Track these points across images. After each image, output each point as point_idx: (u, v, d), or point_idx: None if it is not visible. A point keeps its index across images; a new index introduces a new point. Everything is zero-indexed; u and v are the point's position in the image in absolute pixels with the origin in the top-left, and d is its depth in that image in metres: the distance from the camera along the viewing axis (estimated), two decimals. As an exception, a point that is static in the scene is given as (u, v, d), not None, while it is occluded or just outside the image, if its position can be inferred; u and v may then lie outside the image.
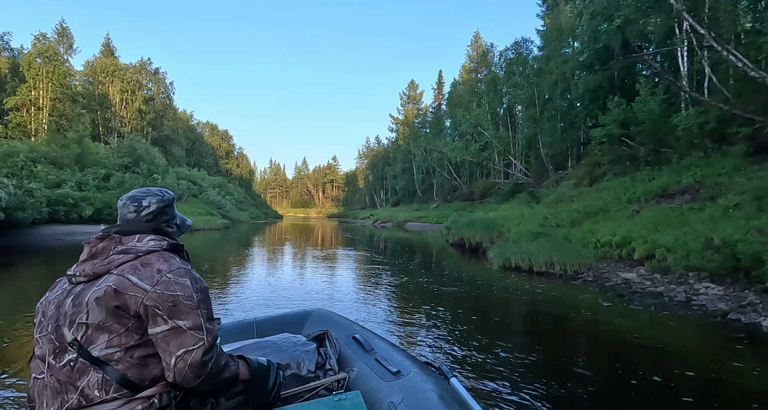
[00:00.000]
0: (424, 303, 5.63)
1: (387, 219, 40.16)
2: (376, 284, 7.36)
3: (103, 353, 0.99)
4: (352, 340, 1.82)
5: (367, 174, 75.80)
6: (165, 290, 1.03)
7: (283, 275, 8.36)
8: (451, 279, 7.86)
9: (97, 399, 0.97)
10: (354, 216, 72.96)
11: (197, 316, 1.04)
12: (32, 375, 1.06)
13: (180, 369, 1.00)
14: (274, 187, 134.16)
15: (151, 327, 1.02)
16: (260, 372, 1.29)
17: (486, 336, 4.09)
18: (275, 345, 1.65)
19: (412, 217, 37.59)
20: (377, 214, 44.27)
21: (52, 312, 1.06)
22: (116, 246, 1.10)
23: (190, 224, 1.39)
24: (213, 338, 1.06)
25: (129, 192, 1.25)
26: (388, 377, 1.46)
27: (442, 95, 47.36)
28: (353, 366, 1.62)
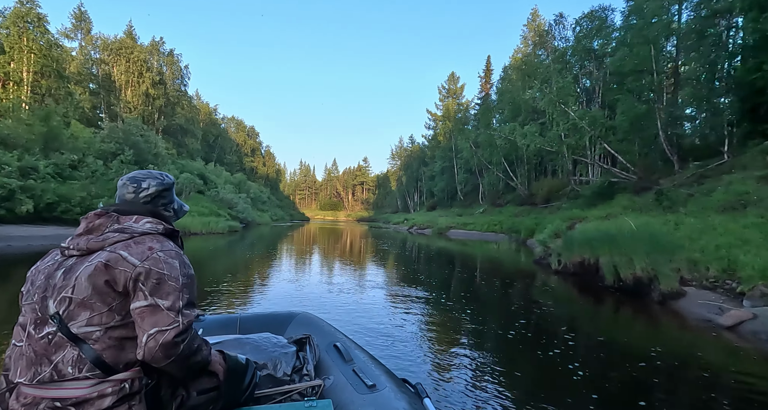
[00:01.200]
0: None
1: (425, 225, 34.45)
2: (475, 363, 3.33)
3: (82, 330, 0.99)
4: (333, 348, 1.81)
5: (400, 175, 70.28)
6: (153, 266, 1.03)
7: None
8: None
9: (69, 376, 0.97)
10: (385, 220, 67.69)
11: (177, 299, 1.03)
12: (12, 341, 1.05)
13: (150, 348, 0.98)
14: (303, 188, 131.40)
15: (132, 301, 1.01)
16: (237, 369, 1.28)
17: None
18: (255, 343, 1.66)
19: (455, 224, 31.72)
20: (413, 219, 38.62)
21: (40, 281, 1.06)
22: (113, 224, 1.11)
23: (188, 210, 1.39)
24: (188, 322, 1.04)
25: (130, 173, 1.25)
26: (362, 389, 1.44)
27: (490, 84, 41.30)
28: (330, 374, 1.61)
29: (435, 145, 51.67)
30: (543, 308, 5.58)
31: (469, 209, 39.90)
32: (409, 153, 70.54)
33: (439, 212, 47.43)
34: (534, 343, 4.00)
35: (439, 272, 9.93)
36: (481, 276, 9.17)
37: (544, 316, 5.16)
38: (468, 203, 41.09)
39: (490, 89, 40.84)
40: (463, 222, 31.46)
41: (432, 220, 34.73)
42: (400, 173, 70.47)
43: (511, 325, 4.59)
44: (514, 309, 5.75)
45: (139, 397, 1.04)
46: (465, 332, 4.39)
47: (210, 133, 49.59)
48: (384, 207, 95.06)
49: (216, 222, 20.01)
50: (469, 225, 30.12)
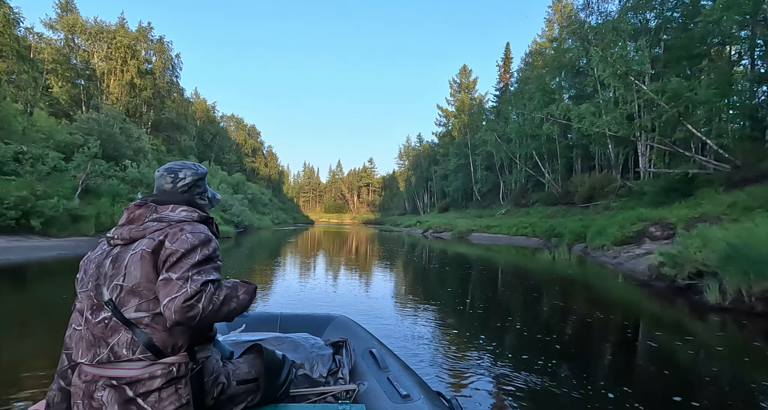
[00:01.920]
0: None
1: (442, 228, 31.02)
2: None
3: (133, 316, 1.06)
4: (368, 354, 1.81)
5: (409, 175, 66.90)
6: (179, 247, 1.08)
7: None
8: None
9: (124, 358, 1.04)
10: (393, 222, 64.36)
11: (187, 271, 1.06)
12: (71, 325, 1.14)
13: (168, 316, 1.02)
14: (307, 190, 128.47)
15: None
16: (273, 364, 1.33)
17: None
18: (294, 342, 1.71)
19: (477, 226, 28.30)
20: (428, 221, 35.20)
21: (92, 270, 1.13)
22: (151, 214, 1.18)
23: (220, 198, 1.45)
24: (196, 285, 1.04)
25: (165, 164, 1.32)
26: (396, 399, 1.43)
27: (510, 73, 37.89)
28: (364, 380, 1.61)
29: (448, 142, 48.29)
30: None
31: (488, 210, 36.46)
32: (418, 152, 67.22)
33: (454, 214, 44.00)
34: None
35: (483, 288, 6.66)
36: (558, 304, 5.80)
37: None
38: (486, 204, 37.65)
39: (509, 79, 37.42)
40: (485, 224, 28.03)
41: (449, 223, 31.31)
42: (408, 173, 67.12)
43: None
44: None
45: (185, 381, 1.10)
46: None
47: (207, 131, 46.53)
48: (391, 210, 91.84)
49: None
50: (493, 228, 26.70)
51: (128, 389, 1.04)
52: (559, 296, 6.85)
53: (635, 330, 4.77)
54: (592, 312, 5.52)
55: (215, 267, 1.15)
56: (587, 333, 4.58)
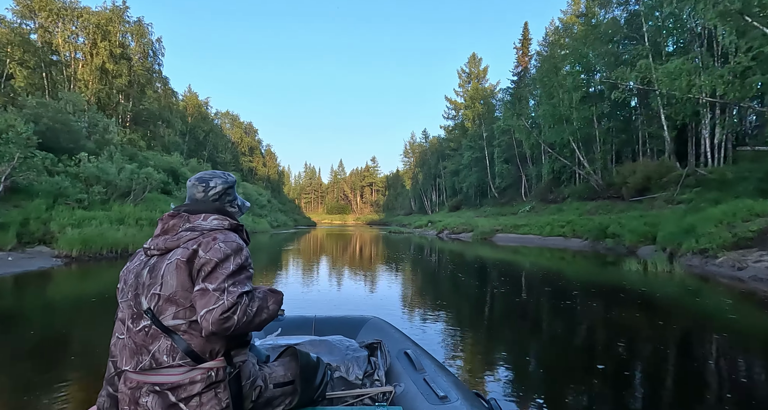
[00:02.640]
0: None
1: (460, 229, 27.49)
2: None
3: (171, 323, 1.09)
4: (403, 355, 1.80)
5: (416, 173, 63.40)
6: (212, 256, 1.10)
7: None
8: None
9: (165, 364, 1.07)
10: (399, 222, 60.90)
11: (224, 282, 1.08)
12: (115, 334, 1.17)
13: (205, 327, 1.05)
14: (308, 191, 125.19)
15: (194, 287, 1.09)
16: (308, 366, 1.34)
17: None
18: (329, 345, 1.71)
19: (501, 226, 24.80)
20: (441, 221, 31.66)
21: (131, 280, 1.16)
22: (184, 224, 1.20)
23: (249, 206, 1.45)
24: (233, 297, 1.07)
25: (196, 173, 1.36)
26: (434, 400, 1.42)
27: (529, 56, 34.30)
28: (401, 382, 1.59)
29: (460, 135, 44.79)
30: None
31: (507, 208, 32.94)
32: (424, 148, 63.77)
33: (467, 212, 40.46)
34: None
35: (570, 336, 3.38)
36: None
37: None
38: (505, 200, 34.12)
39: (529, 62, 33.85)
40: (511, 223, 24.51)
41: (468, 222, 27.77)
42: (415, 170, 63.62)
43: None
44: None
45: (223, 385, 1.12)
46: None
47: (200, 128, 43.16)
48: (395, 210, 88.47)
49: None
50: (521, 228, 23.19)
51: (171, 394, 1.06)
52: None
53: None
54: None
55: (248, 276, 1.17)
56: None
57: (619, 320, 5.02)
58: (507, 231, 23.93)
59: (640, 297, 6.36)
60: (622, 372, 3.26)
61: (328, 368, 1.47)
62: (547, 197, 28.19)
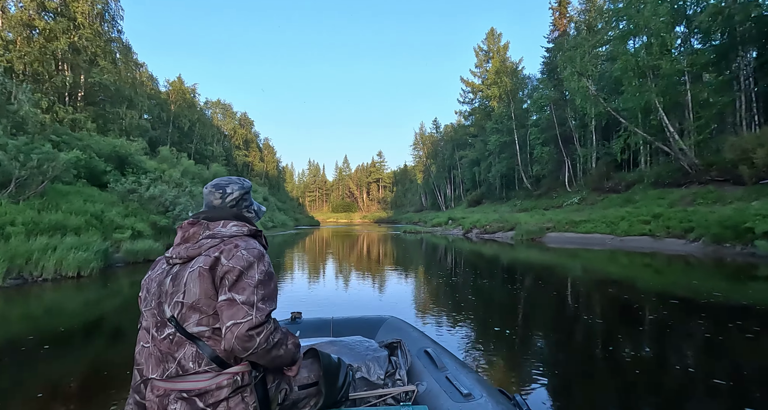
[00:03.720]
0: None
1: (495, 227, 21.99)
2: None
3: (195, 330, 1.08)
4: (424, 354, 1.77)
5: (428, 165, 57.78)
6: (235, 264, 1.09)
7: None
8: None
9: (191, 370, 1.07)
10: (408, 220, 55.52)
11: (252, 294, 1.08)
12: (140, 342, 1.16)
13: (228, 339, 1.04)
14: (312, 189, 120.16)
15: (219, 295, 1.09)
16: (330, 367, 1.33)
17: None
18: (348, 346, 1.68)
19: (552, 223, 19.31)
20: (468, 218, 26.11)
21: (154, 289, 1.16)
22: (204, 231, 1.19)
23: (265, 210, 1.45)
24: (262, 315, 1.08)
25: (212, 180, 1.33)
26: (457, 398, 1.39)
27: (568, 17, 28.55)
28: (423, 381, 1.57)
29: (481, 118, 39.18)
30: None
31: (545, 200, 27.40)
32: (435, 139, 58.19)
33: (491, 207, 34.93)
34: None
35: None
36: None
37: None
38: (543, 191, 28.52)
39: (568, 25, 28.12)
40: (566, 220, 18.95)
41: (504, 219, 22.26)
42: (427, 162, 58.02)
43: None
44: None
45: (249, 389, 1.12)
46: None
47: (184, 116, 37.99)
48: (405, 206, 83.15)
49: (70, 258, 7.74)
50: (582, 225, 17.64)
51: (198, 400, 1.07)
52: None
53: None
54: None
55: (275, 290, 1.16)
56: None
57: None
58: (561, 230, 18.41)
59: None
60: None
61: (350, 369, 1.45)
62: (603, 185, 22.61)
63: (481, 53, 46.61)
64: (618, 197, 21.23)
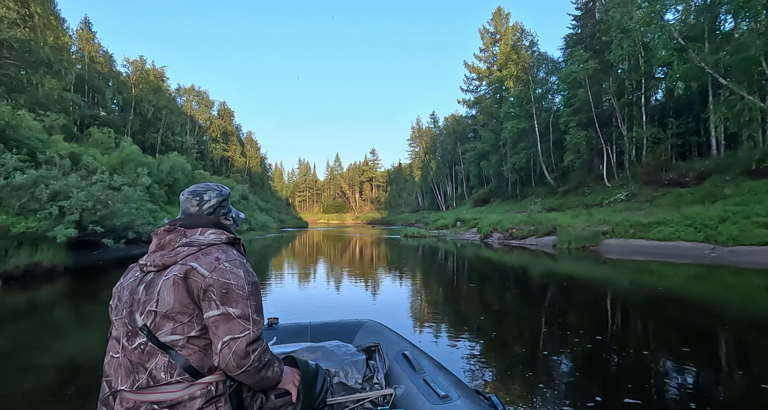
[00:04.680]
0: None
1: (525, 231, 17.06)
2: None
3: (168, 339, 1.03)
4: (402, 357, 1.76)
5: (427, 160, 52.81)
6: (220, 277, 1.05)
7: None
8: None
9: (163, 381, 1.02)
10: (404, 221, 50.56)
11: (246, 306, 1.06)
12: (109, 352, 1.10)
13: (224, 355, 1.02)
14: (303, 189, 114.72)
15: (205, 311, 1.04)
16: (308, 374, 1.28)
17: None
18: (326, 351, 1.64)
19: (610, 226, 14.48)
20: (484, 220, 21.13)
21: (126, 297, 1.10)
22: (181, 239, 1.14)
23: (243, 217, 1.39)
24: (258, 330, 1.07)
25: (189, 187, 1.28)
26: (435, 400, 1.37)
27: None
28: (400, 384, 1.55)
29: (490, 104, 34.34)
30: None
31: (575, 198, 22.61)
32: (434, 133, 53.31)
33: (501, 207, 30.16)
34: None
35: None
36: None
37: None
38: (573, 186, 23.70)
39: None
40: (631, 222, 14.13)
41: (537, 221, 17.37)
42: (425, 158, 53.05)
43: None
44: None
45: (224, 398, 1.09)
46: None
47: (147, 102, 32.64)
48: (399, 207, 78.24)
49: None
50: (656, 230, 12.84)
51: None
52: None
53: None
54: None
55: (261, 303, 1.14)
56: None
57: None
58: (624, 236, 13.59)
59: None
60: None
61: (327, 374, 1.41)
62: (659, 177, 17.82)
63: (488, 35, 41.86)
64: (689, 192, 16.47)
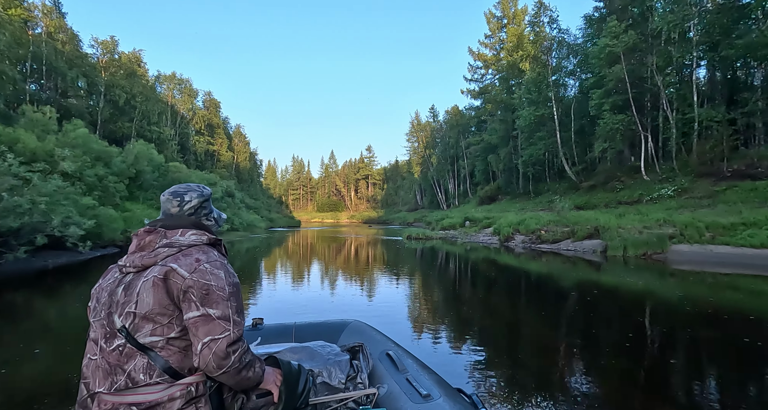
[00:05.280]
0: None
1: (559, 234, 13.99)
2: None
3: (147, 340, 1.02)
4: (385, 356, 1.76)
5: (427, 156, 49.68)
6: (201, 278, 1.04)
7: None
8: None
9: (142, 383, 1.01)
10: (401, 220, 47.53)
11: (226, 307, 1.05)
12: (87, 354, 1.09)
13: (204, 356, 1.01)
14: (296, 187, 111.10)
15: (185, 312, 1.04)
16: (290, 374, 1.28)
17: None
18: (310, 351, 1.64)
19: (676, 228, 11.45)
20: (500, 219, 18.01)
21: (105, 299, 1.09)
22: (161, 240, 1.13)
23: (225, 218, 1.37)
24: (239, 330, 1.07)
25: (170, 187, 1.26)
26: (417, 399, 1.39)
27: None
28: (384, 383, 1.56)
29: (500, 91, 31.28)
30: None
31: (603, 194, 19.61)
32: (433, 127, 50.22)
33: (512, 204, 27.17)
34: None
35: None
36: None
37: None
38: (600, 181, 20.71)
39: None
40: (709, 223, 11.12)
41: (571, 221, 14.37)
42: (425, 153, 49.92)
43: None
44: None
45: (204, 399, 1.08)
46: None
47: (119, 87, 29.23)
48: (396, 205, 75.12)
49: None
50: (744, 233, 9.84)
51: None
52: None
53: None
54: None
55: (242, 304, 1.12)
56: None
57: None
58: (697, 240, 10.56)
59: None
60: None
61: (310, 374, 1.42)
62: (719, 169, 14.85)
63: (494, 19, 38.75)
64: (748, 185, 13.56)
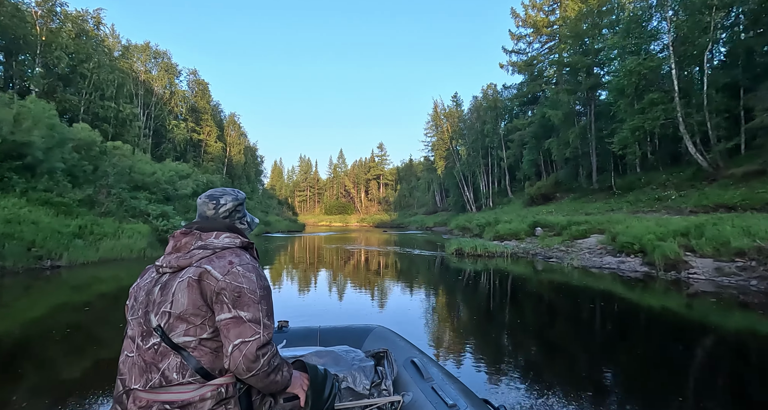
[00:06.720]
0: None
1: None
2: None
3: (181, 340, 1.05)
4: (410, 364, 1.76)
5: (452, 147, 41.99)
6: (233, 281, 1.07)
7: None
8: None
9: (175, 381, 1.04)
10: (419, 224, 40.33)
11: (257, 310, 1.08)
12: (124, 351, 1.12)
13: (235, 358, 1.03)
14: (303, 188, 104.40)
15: (217, 313, 1.06)
16: (317, 379, 1.29)
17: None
18: (335, 356, 1.65)
19: None
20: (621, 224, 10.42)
21: (142, 298, 1.13)
22: (196, 241, 1.17)
23: (258, 222, 1.40)
24: (269, 334, 1.09)
25: (206, 191, 1.29)
26: (442, 408, 1.38)
27: None
28: (408, 391, 1.56)
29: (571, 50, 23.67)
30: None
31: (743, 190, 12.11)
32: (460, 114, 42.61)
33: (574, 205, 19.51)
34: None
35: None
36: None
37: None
38: (754, 169, 12.98)
39: None
40: None
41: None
42: (450, 145, 42.26)
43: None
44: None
45: (233, 401, 1.10)
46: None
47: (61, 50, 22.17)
48: (411, 207, 67.69)
49: None
50: None
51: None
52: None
53: None
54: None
55: (272, 308, 1.15)
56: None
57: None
58: None
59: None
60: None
61: (336, 379, 1.42)
62: None
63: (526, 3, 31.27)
64: None
